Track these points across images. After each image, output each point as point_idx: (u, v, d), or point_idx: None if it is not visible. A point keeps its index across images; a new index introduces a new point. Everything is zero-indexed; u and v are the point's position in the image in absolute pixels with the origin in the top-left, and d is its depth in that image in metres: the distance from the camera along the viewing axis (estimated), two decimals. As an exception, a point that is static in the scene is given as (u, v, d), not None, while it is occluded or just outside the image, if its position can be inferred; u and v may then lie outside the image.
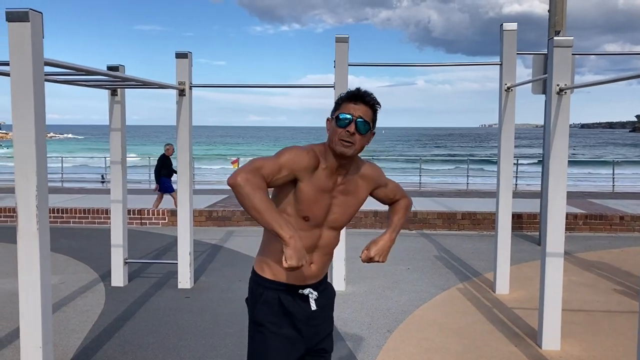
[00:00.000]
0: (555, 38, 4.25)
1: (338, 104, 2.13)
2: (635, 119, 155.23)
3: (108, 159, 7.12)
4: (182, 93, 5.74)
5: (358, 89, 2.12)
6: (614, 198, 11.97)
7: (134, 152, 38.00)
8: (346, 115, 2.07)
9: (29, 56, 2.97)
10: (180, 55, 5.72)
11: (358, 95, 2.10)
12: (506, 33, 5.61)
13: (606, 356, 4.20)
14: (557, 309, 4.33)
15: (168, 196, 10.87)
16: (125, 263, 6.04)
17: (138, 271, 6.59)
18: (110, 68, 5.39)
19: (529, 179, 17.41)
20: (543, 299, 4.36)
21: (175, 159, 8.14)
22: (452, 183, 18.26)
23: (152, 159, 16.06)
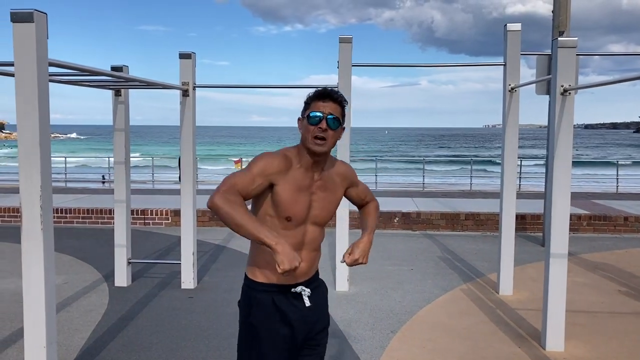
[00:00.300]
0: (559, 38, 4.23)
1: (307, 104, 2.21)
2: (639, 120, 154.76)
3: (111, 159, 7.11)
4: (186, 94, 5.75)
5: (325, 88, 2.21)
6: (618, 199, 11.92)
7: (137, 152, 38.06)
8: (317, 113, 2.15)
9: (34, 57, 2.98)
10: (183, 55, 5.73)
11: (326, 93, 2.18)
12: (510, 33, 5.61)
13: (610, 357, 4.18)
14: (561, 310, 4.32)
15: (177, 196, 10.84)
16: (128, 263, 6.05)
17: (141, 271, 6.60)
18: (114, 68, 5.40)
19: (533, 180, 17.35)
20: (547, 300, 4.35)
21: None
22: (456, 184, 18.23)
23: (155, 159, 16.08)
